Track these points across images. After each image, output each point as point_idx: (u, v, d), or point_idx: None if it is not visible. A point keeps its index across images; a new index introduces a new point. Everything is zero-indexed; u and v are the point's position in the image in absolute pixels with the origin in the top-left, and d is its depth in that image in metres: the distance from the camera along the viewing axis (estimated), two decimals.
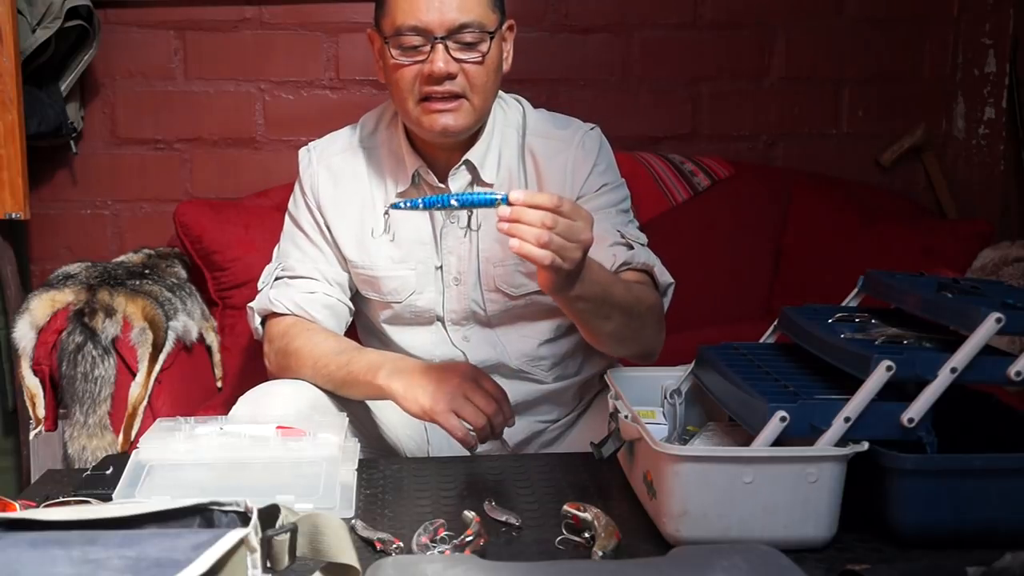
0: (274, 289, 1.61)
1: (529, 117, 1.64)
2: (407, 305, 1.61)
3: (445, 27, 1.45)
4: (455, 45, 1.46)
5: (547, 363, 1.64)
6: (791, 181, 2.52)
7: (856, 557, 1.11)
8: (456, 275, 1.59)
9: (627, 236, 1.56)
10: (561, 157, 1.59)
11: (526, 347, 1.62)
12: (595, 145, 1.62)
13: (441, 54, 1.45)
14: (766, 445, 1.12)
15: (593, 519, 1.14)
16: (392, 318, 1.63)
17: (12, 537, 0.78)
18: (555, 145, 1.60)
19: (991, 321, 1.10)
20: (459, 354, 1.60)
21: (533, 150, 1.60)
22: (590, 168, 1.59)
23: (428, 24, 1.44)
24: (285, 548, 0.83)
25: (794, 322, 1.33)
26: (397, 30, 1.46)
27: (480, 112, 1.52)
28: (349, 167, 1.63)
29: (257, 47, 2.52)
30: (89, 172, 2.54)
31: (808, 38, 2.63)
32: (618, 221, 1.58)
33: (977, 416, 1.28)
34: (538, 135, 1.62)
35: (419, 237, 1.59)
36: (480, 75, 1.48)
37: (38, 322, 1.92)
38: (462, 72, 1.47)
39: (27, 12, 2.18)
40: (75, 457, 1.87)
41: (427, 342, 1.62)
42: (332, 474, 1.27)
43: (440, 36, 1.45)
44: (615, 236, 1.54)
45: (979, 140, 2.72)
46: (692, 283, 2.00)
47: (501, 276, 1.58)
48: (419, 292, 1.60)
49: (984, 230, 2.33)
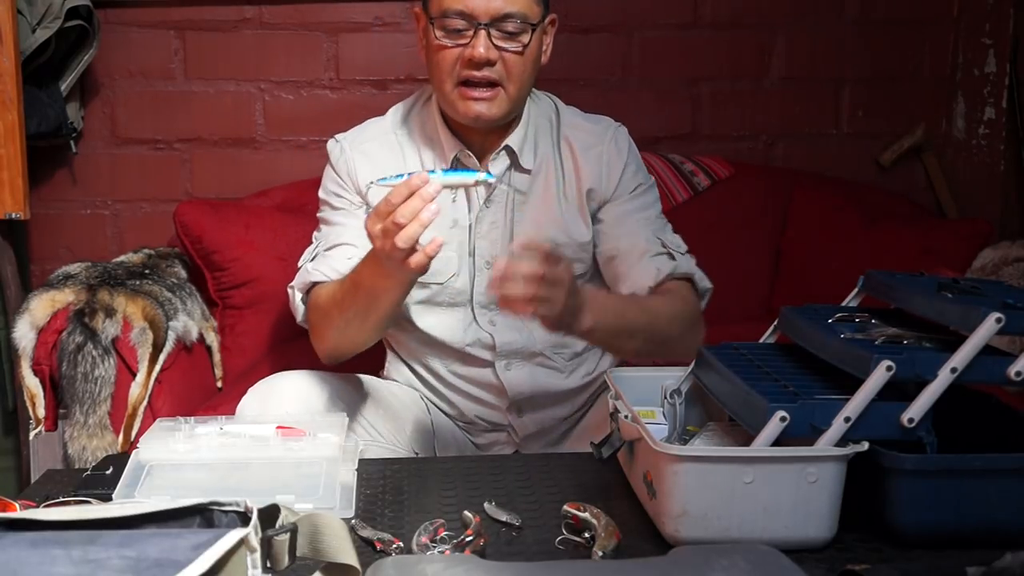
0: (312, 263, 1.60)
1: (562, 110, 1.69)
2: (446, 287, 1.62)
3: (490, 14, 1.48)
4: (497, 33, 1.49)
5: (569, 351, 1.67)
6: (791, 181, 2.52)
7: (856, 557, 1.11)
8: (488, 259, 1.62)
9: (668, 245, 1.61)
10: (596, 149, 1.64)
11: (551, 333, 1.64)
12: (626, 142, 1.67)
13: (483, 40, 1.48)
14: (766, 445, 1.12)
15: (593, 519, 1.14)
16: (425, 300, 1.64)
17: (12, 537, 0.78)
18: (588, 137, 1.65)
19: (991, 321, 1.10)
20: (486, 336, 1.62)
21: (569, 140, 1.65)
22: (623, 165, 1.64)
23: (473, 10, 1.48)
24: (285, 548, 0.83)
25: (794, 322, 1.33)
26: (443, 12, 1.50)
27: (514, 102, 1.55)
28: (384, 152, 1.64)
29: (257, 47, 2.52)
30: (89, 172, 2.54)
31: (808, 38, 2.63)
32: (657, 227, 1.64)
33: (977, 416, 1.28)
34: (572, 127, 1.67)
35: (455, 219, 1.61)
36: (518, 65, 1.52)
37: (38, 322, 1.92)
38: (501, 60, 1.51)
39: (27, 12, 2.18)
40: (75, 457, 1.87)
41: (454, 326, 1.64)
42: (332, 474, 1.27)
43: (484, 23, 1.48)
44: (657, 246, 1.60)
45: (979, 140, 2.72)
46: None
47: None
48: (457, 274, 1.62)
49: (984, 230, 2.34)
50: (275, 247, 2.21)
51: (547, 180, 1.63)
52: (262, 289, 2.21)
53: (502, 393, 1.65)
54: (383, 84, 2.55)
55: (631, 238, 1.61)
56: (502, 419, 1.68)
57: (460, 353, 1.64)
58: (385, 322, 1.53)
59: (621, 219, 1.63)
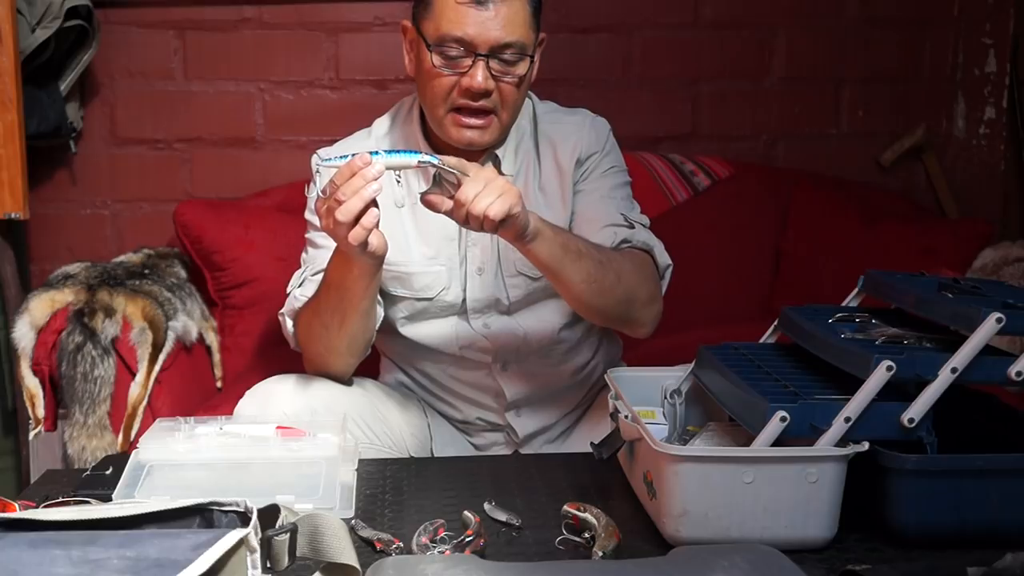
0: (300, 288, 1.60)
1: (538, 107, 1.68)
2: (436, 301, 1.62)
3: (489, 44, 1.47)
4: (495, 62, 1.49)
5: (564, 347, 1.67)
6: (791, 181, 2.52)
7: (856, 557, 1.11)
8: (480, 265, 1.62)
9: (630, 218, 1.60)
10: (574, 138, 1.64)
11: (545, 331, 1.65)
12: (605, 129, 1.68)
13: (482, 70, 1.48)
14: (766, 445, 1.12)
15: (593, 519, 1.14)
16: (416, 314, 1.64)
17: (12, 537, 0.78)
18: (567, 128, 1.65)
19: (991, 321, 1.11)
20: (481, 340, 1.62)
21: (548, 135, 1.65)
22: (600, 148, 1.64)
23: (473, 39, 1.47)
24: (285, 548, 0.83)
25: (794, 322, 1.33)
26: (441, 39, 1.48)
27: (505, 127, 1.56)
28: None
29: (257, 47, 2.52)
30: (89, 172, 2.53)
31: (808, 38, 2.62)
32: (623, 206, 1.63)
33: (977, 416, 1.28)
34: (550, 121, 1.67)
35: (446, 233, 1.61)
36: (513, 93, 1.52)
37: (38, 322, 1.92)
38: (497, 89, 1.50)
39: (27, 12, 2.18)
40: (75, 457, 1.87)
41: (447, 333, 1.63)
42: (332, 474, 1.27)
43: (483, 53, 1.47)
44: (617, 218, 1.59)
45: (979, 140, 2.72)
46: (692, 283, 2.00)
47: (521, 259, 1.60)
48: (448, 288, 1.62)
49: (984, 230, 2.33)
50: (275, 247, 2.21)
51: (527, 180, 1.64)
52: (262, 289, 2.20)
53: (500, 394, 1.65)
54: (383, 84, 2.55)
55: (593, 210, 1.61)
56: (500, 419, 1.68)
57: (455, 358, 1.64)
58: (361, 323, 1.50)
59: (588, 201, 1.63)
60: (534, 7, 1.52)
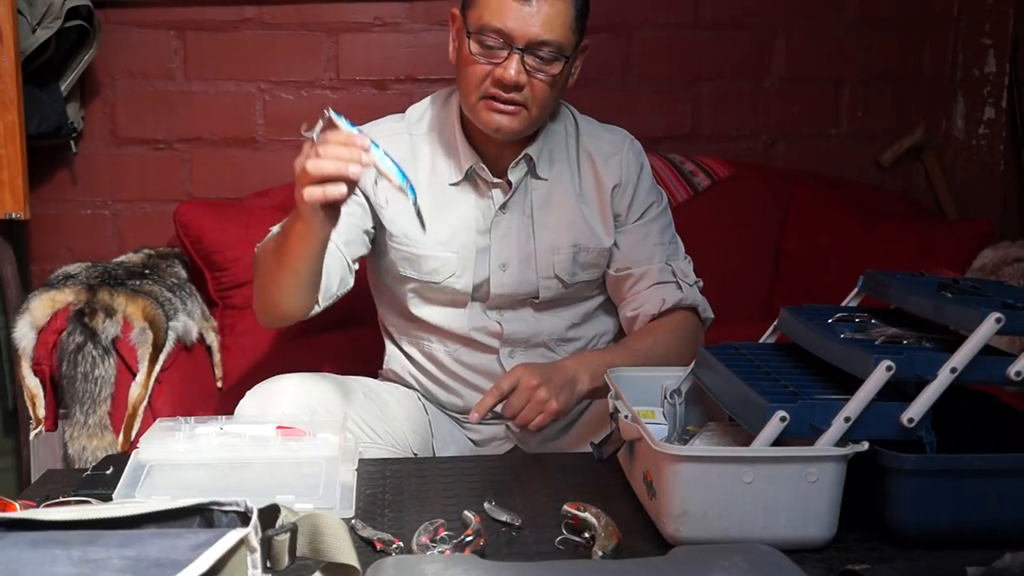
0: (277, 227, 1.57)
1: (580, 121, 1.71)
2: (443, 287, 1.63)
3: (527, 39, 1.49)
4: (531, 58, 1.50)
5: (574, 344, 1.70)
6: (791, 181, 2.52)
7: (856, 557, 1.11)
8: (503, 261, 1.64)
9: (677, 274, 1.65)
10: (616, 157, 1.68)
11: (558, 327, 1.68)
12: (640, 153, 1.71)
13: (516, 64, 1.50)
14: (766, 445, 1.12)
15: (593, 519, 1.14)
16: (421, 292, 1.66)
17: (12, 537, 0.78)
18: (607, 147, 1.69)
19: (991, 321, 1.10)
20: (493, 324, 1.65)
21: (589, 151, 1.68)
22: (637, 177, 1.68)
23: (512, 31, 1.49)
24: (285, 548, 0.83)
25: (794, 322, 1.33)
26: (481, 28, 1.50)
27: (535, 122, 1.58)
28: (398, 151, 1.63)
29: (257, 47, 2.52)
30: (89, 172, 2.54)
31: (808, 38, 2.63)
32: (670, 252, 1.68)
33: (977, 416, 1.28)
34: (591, 136, 1.69)
35: (465, 222, 1.62)
36: (544, 91, 1.54)
37: (38, 322, 1.92)
38: (529, 84, 1.52)
39: (27, 12, 2.18)
40: (75, 457, 1.87)
41: (458, 315, 1.65)
42: (332, 474, 1.27)
43: (519, 47, 1.49)
44: (667, 275, 1.64)
45: (979, 140, 2.72)
46: None
47: (561, 264, 1.64)
48: (458, 275, 1.63)
49: (984, 230, 2.34)
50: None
51: (566, 187, 1.66)
52: None
53: None
54: (383, 84, 2.55)
55: (643, 264, 1.65)
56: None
57: (465, 339, 1.66)
58: (292, 280, 1.46)
59: (635, 244, 1.67)
60: (579, 10, 1.53)
